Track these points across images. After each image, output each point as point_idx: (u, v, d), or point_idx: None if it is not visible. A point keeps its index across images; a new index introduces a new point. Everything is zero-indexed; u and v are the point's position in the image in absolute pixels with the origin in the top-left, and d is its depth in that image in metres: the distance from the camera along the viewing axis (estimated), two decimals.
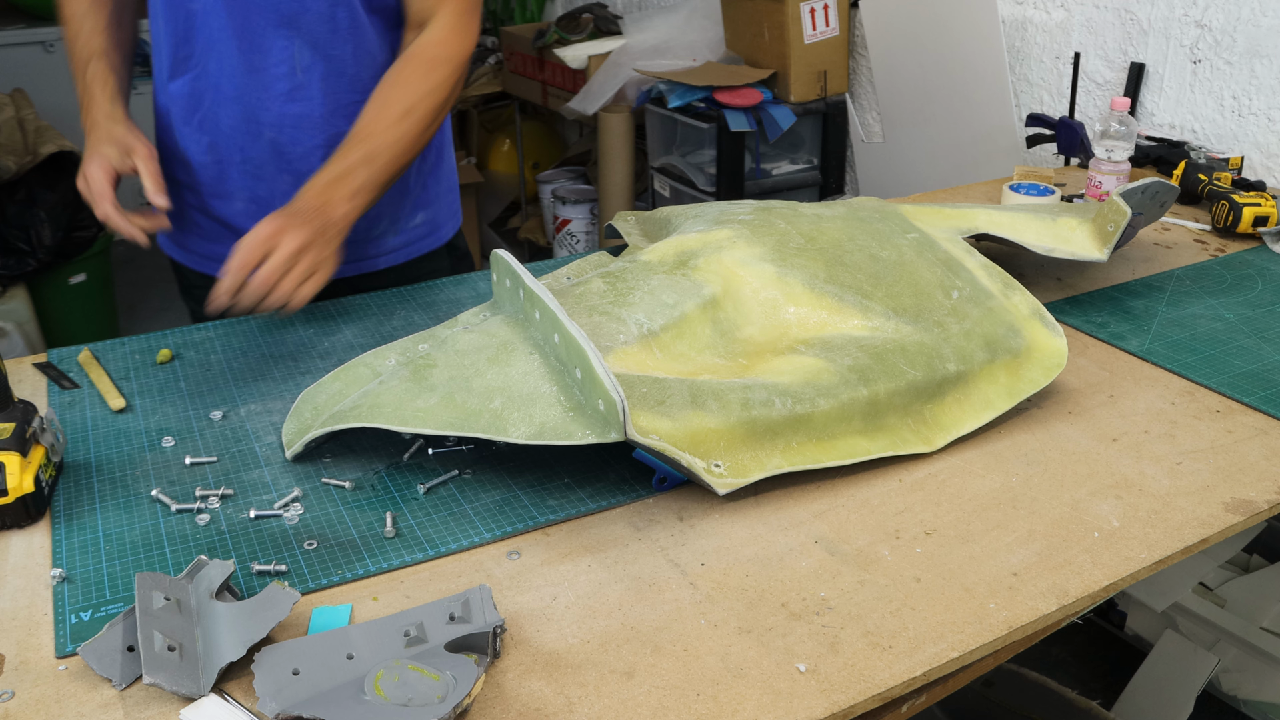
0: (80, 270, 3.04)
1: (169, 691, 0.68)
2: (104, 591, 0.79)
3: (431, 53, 1.20)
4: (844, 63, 2.76)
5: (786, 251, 1.10)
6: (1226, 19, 1.87)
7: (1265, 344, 1.20)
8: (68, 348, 1.18)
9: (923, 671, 0.73)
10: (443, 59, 1.21)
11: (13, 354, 2.71)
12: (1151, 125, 2.03)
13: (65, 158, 2.90)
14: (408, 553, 0.84)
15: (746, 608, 0.78)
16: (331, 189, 1.12)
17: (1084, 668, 1.98)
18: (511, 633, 0.75)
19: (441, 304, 1.29)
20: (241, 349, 1.18)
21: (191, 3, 1.20)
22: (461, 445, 0.98)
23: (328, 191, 1.12)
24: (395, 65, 1.21)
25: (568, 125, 4.01)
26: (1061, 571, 0.83)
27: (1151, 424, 1.04)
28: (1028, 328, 1.10)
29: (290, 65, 1.22)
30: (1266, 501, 0.92)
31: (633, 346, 0.98)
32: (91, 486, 0.93)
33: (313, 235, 1.08)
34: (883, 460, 0.96)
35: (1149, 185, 1.30)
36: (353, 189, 1.13)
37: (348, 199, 1.12)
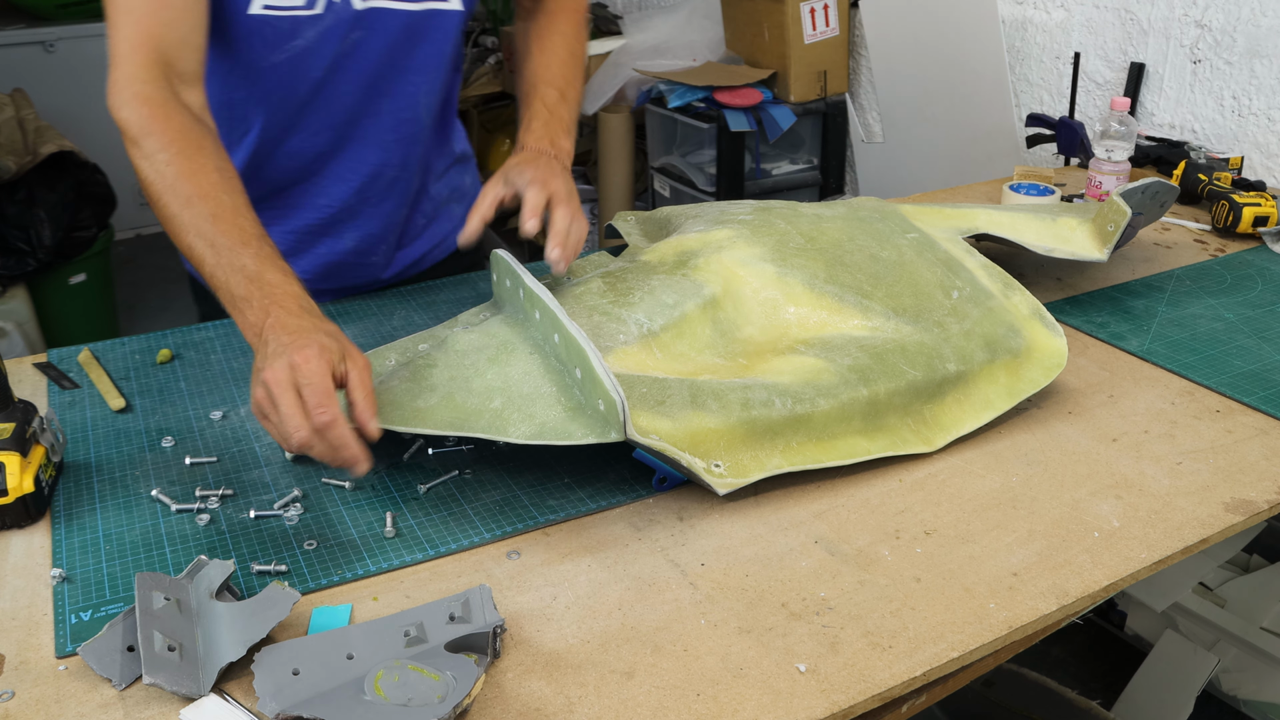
0: (80, 270, 3.04)
1: (169, 691, 0.68)
2: (104, 591, 0.79)
3: (570, 5, 1.29)
4: (844, 63, 2.76)
5: (786, 251, 1.10)
6: (1226, 19, 1.87)
7: (1265, 344, 1.20)
8: (68, 348, 1.18)
9: (923, 671, 0.73)
10: (578, 9, 1.30)
11: (13, 354, 2.71)
12: (1151, 125, 2.03)
13: (65, 158, 2.90)
14: (408, 553, 0.84)
15: (746, 608, 0.78)
16: (550, 128, 1.16)
17: (1084, 668, 1.98)
18: (511, 633, 0.75)
19: (441, 304, 1.29)
20: (241, 349, 1.18)
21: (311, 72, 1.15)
22: (461, 445, 0.98)
23: (549, 131, 1.15)
24: (545, 18, 1.28)
25: None
26: (1061, 571, 0.83)
27: (1151, 424, 1.04)
28: (1028, 328, 1.10)
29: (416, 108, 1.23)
30: (1266, 501, 0.92)
31: (633, 346, 0.98)
32: (91, 486, 0.93)
33: (562, 172, 1.11)
34: (883, 460, 0.96)
35: (1149, 185, 1.30)
36: (565, 126, 1.18)
37: (565, 134, 1.17)
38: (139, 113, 0.95)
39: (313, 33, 1.11)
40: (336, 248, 1.28)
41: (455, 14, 1.18)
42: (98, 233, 3.03)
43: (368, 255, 1.30)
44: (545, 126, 1.16)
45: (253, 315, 0.86)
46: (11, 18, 3.75)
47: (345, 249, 1.28)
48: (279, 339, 0.83)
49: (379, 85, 1.18)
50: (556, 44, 1.25)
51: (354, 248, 1.29)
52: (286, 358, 0.81)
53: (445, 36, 1.19)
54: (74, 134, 3.21)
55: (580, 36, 1.28)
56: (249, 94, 1.15)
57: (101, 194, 3.03)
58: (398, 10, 1.14)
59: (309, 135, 1.19)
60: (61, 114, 3.56)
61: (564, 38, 1.26)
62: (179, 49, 1.00)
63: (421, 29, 1.16)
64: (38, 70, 3.68)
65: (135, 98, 0.96)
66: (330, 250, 1.28)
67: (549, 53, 1.24)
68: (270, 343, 0.83)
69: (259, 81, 1.14)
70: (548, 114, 1.18)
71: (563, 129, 1.17)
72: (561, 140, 1.16)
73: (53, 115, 3.42)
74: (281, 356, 0.81)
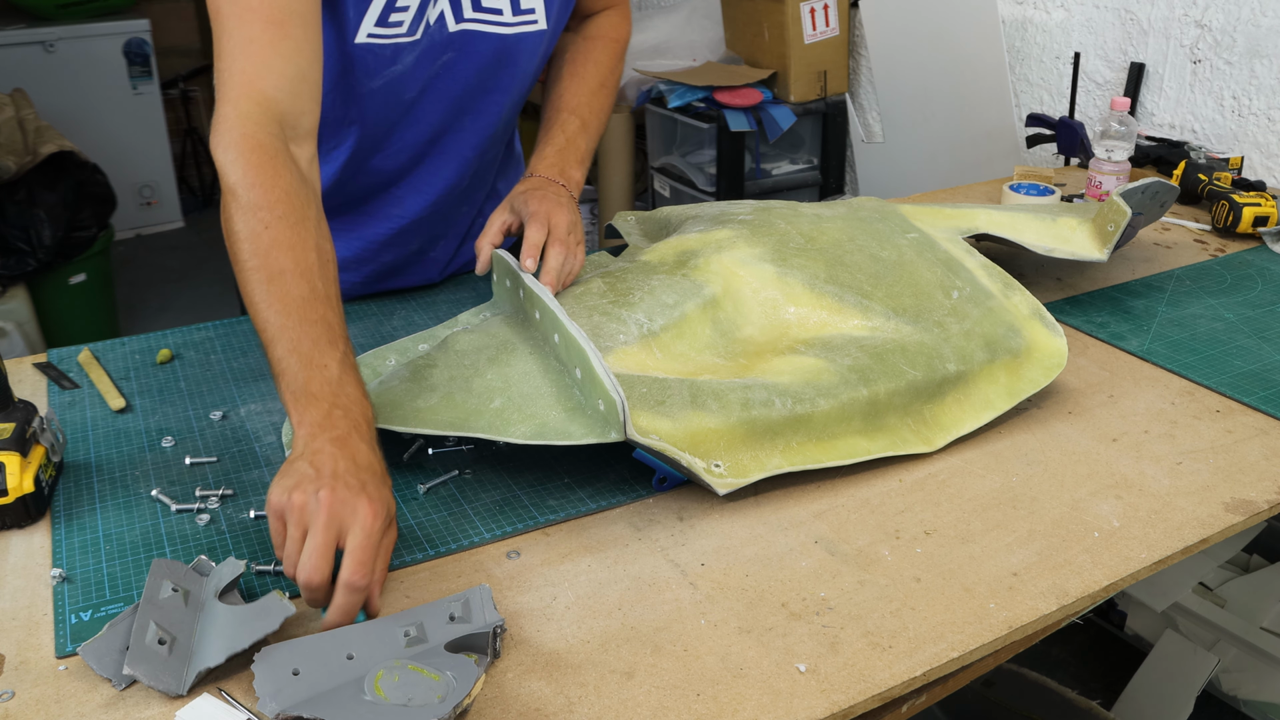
0: (80, 270, 3.04)
1: (147, 686, 0.68)
2: (104, 591, 0.79)
3: (609, 33, 1.27)
4: (844, 63, 2.76)
5: (786, 251, 1.10)
6: (1226, 19, 1.87)
7: (1265, 344, 1.20)
8: (68, 348, 1.18)
9: (923, 671, 0.73)
10: (618, 39, 1.28)
11: (13, 354, 2.71)
12: (1151, 125, 2.03)
13: (65, 158, 2.90)
14: (408, 553, 0.84)
15: (746, 608, 0.78)
16: (562, 157, 1.15)
17: (1084, 668, 1.98)
18: (511, 633, 0.75)
19: (441, 304, 1.29)
20: (241, 349, 1.18)
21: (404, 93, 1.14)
22: (461, 445, 0.98)
23: (560, 160, 1.15)
24: (578, 44, 1.25)
25: None
26: (1061, 571, 0.83)
27: (1151, 424, 1.04)
28: (1028, 328, 1.10)
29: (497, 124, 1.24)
30: (1266, 501, 0.92)
31: (633, 346, 0.98)
32: (91, 486, 0.93)
33: (567, 203, 1.10)
34: (883, 460, 0.96)
35: (1149, 185, 1.30)
36: (580, 156, 1.17)
37: (577, 165, 1.16)
38: (246, 160, 0.87)
39: (410, 58, 1.11)
40: (403, 252, 1.29)
41: (542, 34, 1.17)
42: (98, 233, 3.03)
43: (427, 254, 1.31)
44: (559, 155, 1.15)
45: (310, 422, 0.79)
46: (11, 18, 3.75)
47: (410, 252, 1.29)
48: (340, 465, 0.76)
49: (465, 104, 1.18)
50: (589, 72, 1.23)
51: (418, 249, 1.30)
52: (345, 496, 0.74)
53: (531, 56, 1.19)
54: (74, 134, 3.21)
55: (615, 68, 1.26)
56: (344, 115, 1.14)
57: (101, 194, 3.03)
58: (489, 34, 1.13)
59: (393, 154, 1.19)
60: (61, 114, 3.56)
61: (597, 66, 1.24)
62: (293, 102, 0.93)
63: (511, 50, 1.16)
64: (38, 70, 3.68)
65: (244, 140, 0.88)
66: (396, 255, 1.29)
67: (579, 79, 1.22)
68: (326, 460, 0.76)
69: (356, 105, 1.13)
70: (564, 142, 1.16)
71: (576, 159, 1.16)
72: (572, 170, 1.15)
73: (53, 115, 3.42)
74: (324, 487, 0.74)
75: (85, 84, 3.80)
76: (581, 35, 1.26)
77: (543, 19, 1.16)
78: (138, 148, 3.98)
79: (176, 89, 4.36)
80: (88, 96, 3.81)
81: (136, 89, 3.93)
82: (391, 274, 1.31)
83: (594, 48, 1.25)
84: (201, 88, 4.55)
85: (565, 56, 1.24)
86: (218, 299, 3.61)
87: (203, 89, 4.59)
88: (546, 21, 1.16)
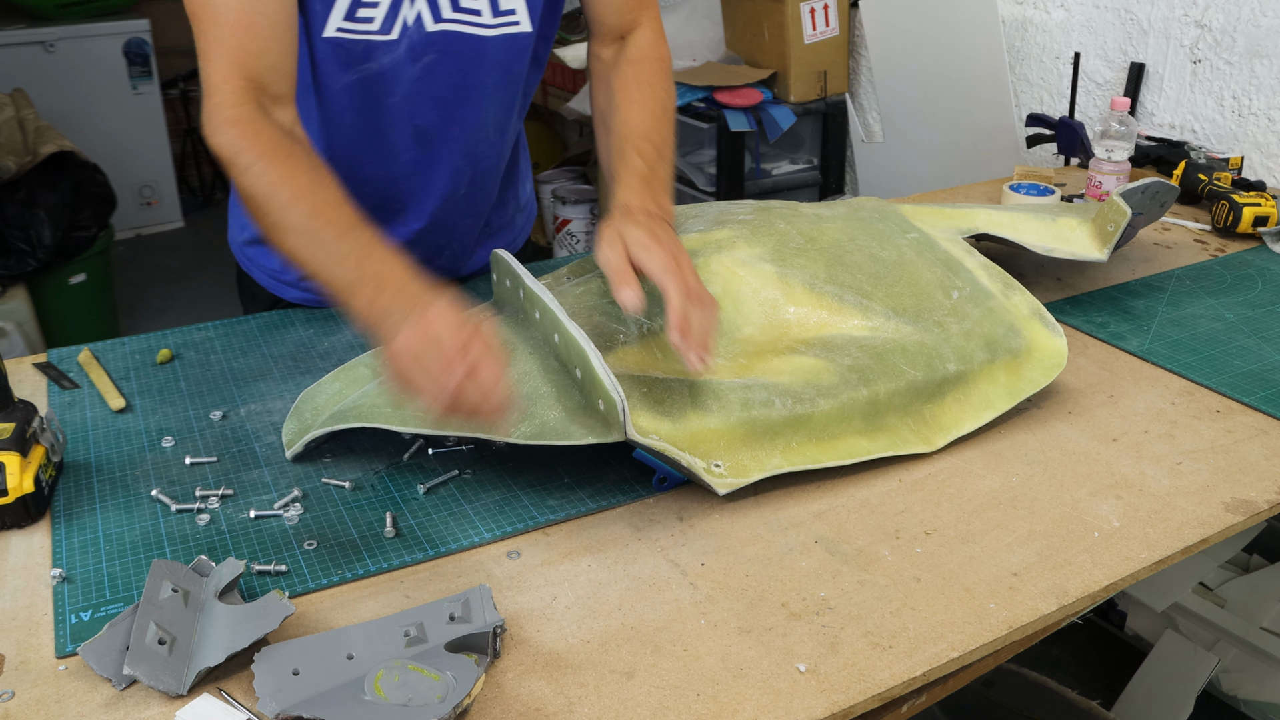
0: (80, 270, 3.04)
1: (147, 686, 0.68)
2: (104, 591, 0.79)
3: (655, 54, 1.21)
4: (844, 63, 2.76)
5: (786, 251, 1.10)
6: (1226, 19, 1.87)
7: (1265, 344, 1.20)
8: (68, 348, 1.18)
9: (923, 671, 0.73)
10: (664, 59, 1.22)
11: (13, 354, 2.71)
12: (1151, 125, 2.03)
13: (65, 158, 2.90)
14: (408, 553, 0.84)
15: (746, 608, 0.78)
16: (651, 188, 1.08)
17: (1084, 668, 1.98)
18: (511, 633, 0.75)
19: None
20: (241, 349, 1.18)
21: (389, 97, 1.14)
22: (461, 445, 0.98)
23: (649, 191, 1.08)
24: (630, 69, 1.18)
25: (568, 125, 4.01)
26: (1061, 571, 0.83)
27: (1151, 424, 1.04)
28: (1028, 328, 1.10)
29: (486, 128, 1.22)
30: (1266, 501, 0.92)
31: (633, 346, 0.98)
32: (91, 486, 0.93)
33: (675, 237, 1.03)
34: (883, 460, 0.96)
35: (1149, 185, 1.30)
36: (664, 185, 1.10)
37: (665, 194, 1.10)
38: (230, 134, 0.96)
39: (387, 59, 1.10)
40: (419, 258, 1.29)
41: (527, 36, 1.16)
42: (98, 233, 3.03)
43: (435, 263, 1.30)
44: (647, 185, 1.08)
45: (363, 299, 0.86)
46: (11, 18, 3.75)
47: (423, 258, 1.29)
48: (399, 309, 0.83)
49: (451, 109, 1.16)
50: (646, 98, 1.16)
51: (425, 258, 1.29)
52: (413, 322, 0.82)
53: (517, 59, 1.18)
54: (74, 134, 3.21)
55: (670, 90, 1.20)
56: (310, 114, 1.15)
57: (101, 194, 3.03)
58: (469, 35, 1.12)
59: (383, 162, 1.19)
60: (61, 114, 3.56)
61: (652, 89, 1.17)
62: (270, 75, 1.00)
63: (493, 52, 1.14)
64: (38, 70, 3.68)
65: (227, 122, 0.96)
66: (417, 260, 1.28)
67: (639, 106, 1.15)
68: (390, 315, 0.84)
69: (326, 103, 1.13)
70: (648, 171, 1.09)
71: (663, 188, 1.10)
72: (664, 200, 1.09)
73: (53, 115, 3.42)
74: (408, 322, 0.82)
75: (85, 84, 3.80)
76: (625, 60, 1.20)
77: (525, 20, 1.14)
78: (138, 148, 3.98)
79: (176, 89, 4.36)
80: (88, 96, 3.81)
81: (136, 89, 3.93)
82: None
83: (641, 71, 1.19)
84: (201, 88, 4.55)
85: (615, 84, 1.18)
86: (218, 299, 3.61)
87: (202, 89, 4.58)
88: (531, 24, 1.15)
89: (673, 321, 0.91)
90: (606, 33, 1.22)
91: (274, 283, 1.30)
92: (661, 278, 0.94)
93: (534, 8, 1.14)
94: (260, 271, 1.31)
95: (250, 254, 1.31)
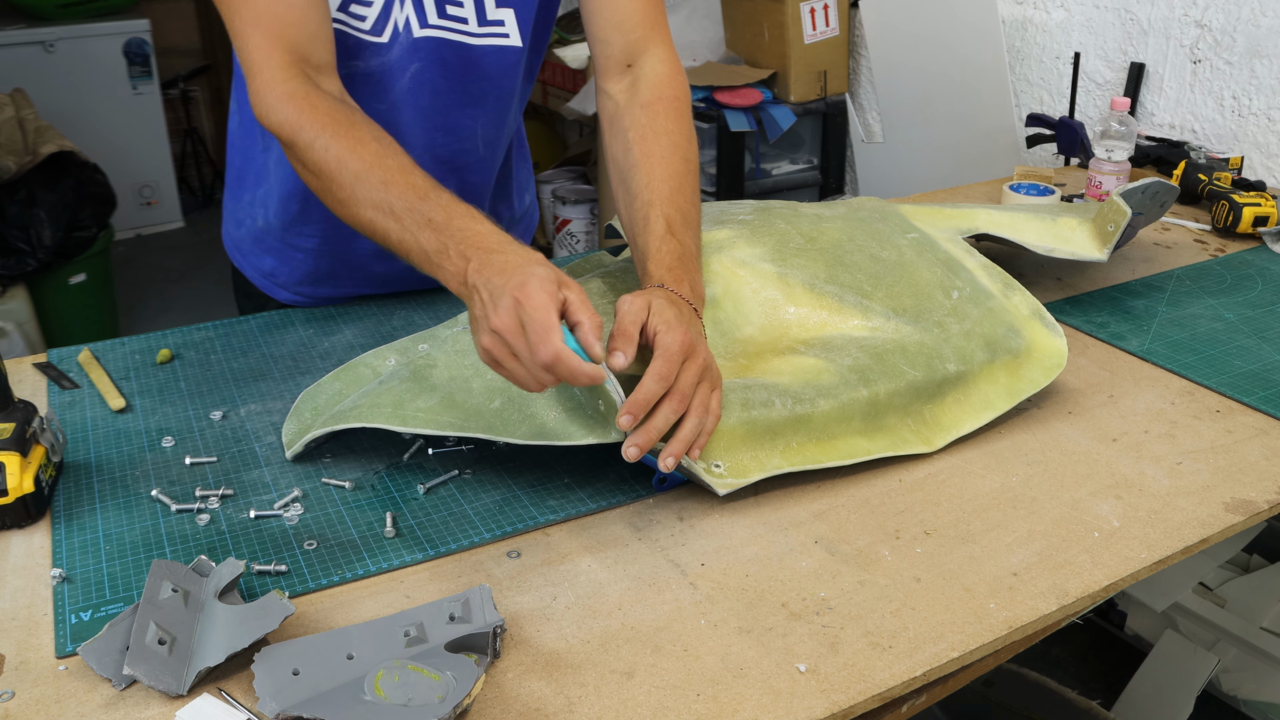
0: (80, 270, 3.04)
1: (147, 686, 0.68)
2: (104, 591, 0.79)
3: (671, 92, 1.10)
4: (844, 63, 2.76)
5: (787, 251, 1.10)
6: (1226, 19, 1.87)
7: (1265, 344, 1.20)
8: (68, 348, 1.18)
9: (923, 671, 0.73)
10: (681, 97, 1.11)
11: (13, 354, 2.71)
12: (1151, 125, 2.03)
13: (65, 158, 2.90)
14: (408, 553, 0.84)
15: (746, 608, 0.78)
16: (685, 266, 0.98)
17: (1084, 668, 1.98)
18: (511, 633, 0.75)
19: (441, 304, 1.29)
20: (241, 349, 1.18)
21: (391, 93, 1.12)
22: (461, 445, 0.98)
23: (684, 271, 0.98)
24: (644, 114, 1.07)
25: (568, 125, 4.01)
26: (1061, 571, 0.83)
27: (1151, 424, 1.04)
28: (1028, 328, 1.10)
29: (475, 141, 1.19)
30: (1266, 501, 0.92)
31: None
32: (91, 486, 0.93)
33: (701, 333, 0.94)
34: (883, 460, 0.96)
35: (1149, 185, 1.30)
36: (696, 262, 1.01)
37: (698, 271, 1.01)
38: (286, 112, 0.94)
39: (376, 62, 1.09)
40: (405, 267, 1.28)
41: (518, 51, 1.13)
42: (98, 233, 3.03)
43: None
44: (683, 265, 0.98)
45: (452, 265, 0.85)
46: (11, 18, 3.75)
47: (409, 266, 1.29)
48: (492, 281, 0.81)
49: (437, 120, 1.14)
50: (667, 152, 1.05)
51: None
52: (509, 297, 0.79)
53: (507, 74, 1.15)
54: (74, 134, 3.21)
55: (690, 134, 1.10)
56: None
57: (101, 194, 3.03)
58: (455, 42, 1.10)
59: None
60: (61, 114, 3.56)
61: (671, 140, 1.06)
62: (311, 44, 0.98)
63: (479, 62, 1.12)
64: (38, 70, 3.68)
65: (280, 99, 0.94)
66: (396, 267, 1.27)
67: (659, 162, 1.04)
68: (484, 287, 0.82)
69: None
70: (679, 249, 0.99)
71: (696, 266, 1.01)
72: (699, 281, 1.00)
73: (53, 115, 3.42)
74: (504, 297, 0.80)
75: (85, 84, 3.80)
76: (639, 103, 1.09)
77: (516, 35, 1.11)
78: (138, 148, 3.98)
79: (176, 89, 4.36)
80: (88, 96, 3.81)
81: (136, 89, 3.93)
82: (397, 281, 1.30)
83: (658, 118, 1.07)
84: (201, 88, 4.55)
85: (632, 135, 1.07)
86: (218, 299, 3.61)
87: (203, 89, 4.59)
88: (521, 39, 1.12)
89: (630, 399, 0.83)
90: (613, 62, 1.12)
91: (267, 283, 1.30)
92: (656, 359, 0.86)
93: (524, 22, 1.12)
94: (254, 272, 1.31)
95: (245, 252, 1.31)
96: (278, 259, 1.27)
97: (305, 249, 1.24)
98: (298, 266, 1.26)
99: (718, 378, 0.90)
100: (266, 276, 1.30)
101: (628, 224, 1.05)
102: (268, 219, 1.24)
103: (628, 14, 1.11)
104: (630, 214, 1.04)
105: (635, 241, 1.02)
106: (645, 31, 1.12)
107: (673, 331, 0.87)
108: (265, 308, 1.31)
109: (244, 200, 1.26)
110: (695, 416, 0.86)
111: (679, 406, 0.85)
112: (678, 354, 0.86)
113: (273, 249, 1.27)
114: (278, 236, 1.25)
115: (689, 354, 0.87)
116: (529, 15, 1.13)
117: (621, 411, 0.83)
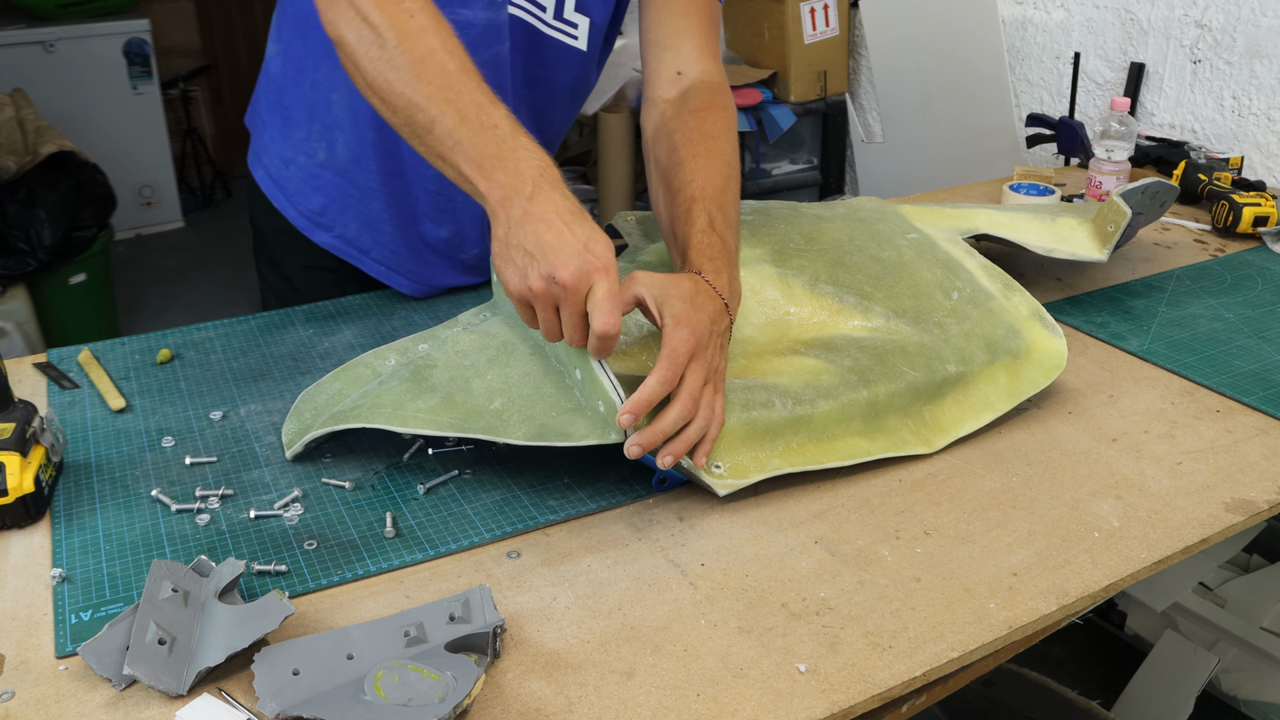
0: (80, 270, 3.04)
1: (147, 686, 0.68)
2: (104, 591, 0.79)
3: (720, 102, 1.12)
4: (844, 63, 2.76)
5: (787, 252, 1.10)
6: (1226, 19, 1.87)
7: (1265, 344, 1.20)
8: (68, 348, 1.18)
9: (923, 671, 0.73)
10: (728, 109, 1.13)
11: (13, 354, 2.71)
12: (1151, 125, 2.03)
13: (65, 158, 2.90)
14: (408, 553, 0.84)
15: (746, 608, 0.78)
16: (726, 260, 0.98)
17: (1084, 668, 1.98)
18: (511, 633, 0.75)
19: (441, 304, 1.29)
20: (241, 349, 1.18)
21: None
22: (461, 445, 0.98)
23: (724, 263, 0.97)
24: (692, 119, 1.08)
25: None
26: (1061, 571, 0.83)
27: (1151, 424, 1.04)
28: (1027, 329, 1.10)
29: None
30: (1266, 501, 0.92)
31: (633, 347, 0.98)
32: (91, 486, 0.93)
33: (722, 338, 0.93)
34: (883, 460, 0.96)
35: (1149, 185, 1.30)
36: (734, 261, 1.00)
37: (736, 269, 1.00)
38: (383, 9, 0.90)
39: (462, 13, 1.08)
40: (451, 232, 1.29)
41: (581, 55, 1.16)
42: (98, 233, 3.03)
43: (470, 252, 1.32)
44: (724, 259, 0.97)
45: (505, 177, 0.84)
46: (11, 18, 3.75)
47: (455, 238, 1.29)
48: (543, 237, 0.82)
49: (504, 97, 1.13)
50: (712, 153, 1.05)
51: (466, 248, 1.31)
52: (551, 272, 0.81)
53: (567, 71, 1.18)
54: (74, 134, 3.21)
55: (735, 147, 1.10)
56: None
57: (101, 194, 3.03)
58: (528, 23, 1.12)
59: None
60: (61, 114, 3.56)
61: (716, 143, 1.07)
62: None
63: (544, 50, 1.14)
64: (38, 70, 3.68)
65: None
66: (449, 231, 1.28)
67: (706, 161, 1.04)
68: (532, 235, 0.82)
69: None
70: (721, 244, 0.98)
71: (736, 266, 1.00)
72: (737, 281, 0.99)
73: (53, 115, 3.42)
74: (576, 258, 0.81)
75: (85, 84, 3.80)
76: (688, 110, 1.10)
77: (584, 40, 1.15)
78: (138, 148, 3.98)
79: (176, 89, 4.36)
80: (88, 96, 3.81)
81: (136, 89, 3.93)
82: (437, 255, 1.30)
83: (706, 123, 1.08)
84: (201, 88, 4.55)
85: (679, 138, 1.07)
86: (218, 299, 3.61)
87: (203, 89, 4.58)
88: (588, 45, 1.16)
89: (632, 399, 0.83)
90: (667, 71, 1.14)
91: (310, 224, 1.26)
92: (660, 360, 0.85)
93: (596, 31, 1.15)
94: (297, 212, 1.27)
95: (291, 192, 1.27)
96: (329, 197, 1.25)
97: (365, 187, 1.23)
98: (350, 206, 1.24)
99: (721, 379, 0.90)
100: (312, 216, 1.27)
101: (667, 220, 1.04)
102: (331, 152, 1.22)
103: (685, 26, 1.13)
104: (672, 210, 1.03)
105: (675, 234, 1.02)
106: (701, 45, 1.14)
107: (680, 329, 0.86)
108: (282, 267, 1.30)
109: (296, 137, 1.24)
110: (701, 419, 0.86)
111: (690, 409, 0.85)
112: (683, 355, 0.85)
113: (327, 185, 1.24)
114: (339, 170, 1.23)
115: (695, 354, 0.86)
116: (600, 26, 1.16)
117: (622, 411, 0.83)
